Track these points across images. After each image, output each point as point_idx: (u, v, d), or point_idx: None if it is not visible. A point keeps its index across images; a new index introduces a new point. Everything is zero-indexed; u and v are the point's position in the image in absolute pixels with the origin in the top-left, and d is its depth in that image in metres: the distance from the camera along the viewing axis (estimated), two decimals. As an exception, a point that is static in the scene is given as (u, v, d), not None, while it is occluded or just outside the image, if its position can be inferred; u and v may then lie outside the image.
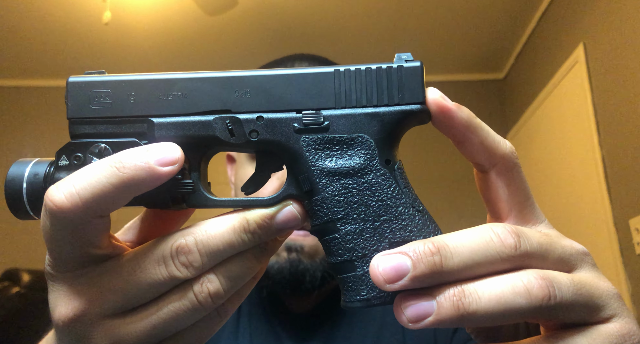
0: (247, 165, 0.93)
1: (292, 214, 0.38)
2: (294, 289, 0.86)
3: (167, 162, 0.35)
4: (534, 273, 0.32)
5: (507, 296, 0.31)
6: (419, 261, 0.31)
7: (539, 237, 0.34)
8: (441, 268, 0.31)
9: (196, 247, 0.35)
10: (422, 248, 0.32)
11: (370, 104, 0.38)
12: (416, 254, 0.32)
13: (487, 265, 0.32)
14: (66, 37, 3.31)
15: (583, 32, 2.64)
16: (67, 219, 0.33)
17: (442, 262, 0.31)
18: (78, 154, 0.38)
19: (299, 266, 0.85)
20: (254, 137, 0.38)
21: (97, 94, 0.39)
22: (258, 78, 0.39)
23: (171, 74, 0.39)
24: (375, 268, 0.32)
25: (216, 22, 3.13)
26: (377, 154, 0.38)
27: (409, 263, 0.31)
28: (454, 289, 0.31)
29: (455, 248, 0.32)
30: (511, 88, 3.77)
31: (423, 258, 0.31)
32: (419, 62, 0.39)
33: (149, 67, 3.67)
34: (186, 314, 0.36)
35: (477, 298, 0.31)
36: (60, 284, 0.37)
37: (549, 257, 0.34)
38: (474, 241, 0.32)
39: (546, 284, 0.31)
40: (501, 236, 0.32)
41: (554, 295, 0.31)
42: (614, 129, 2.37)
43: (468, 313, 0.31)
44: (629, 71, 2.24)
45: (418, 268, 0.31)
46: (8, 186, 0.37)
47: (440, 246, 0.32)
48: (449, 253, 0.31)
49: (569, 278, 0.33)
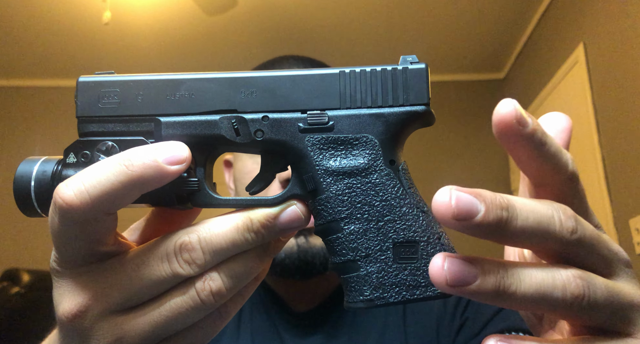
0: (245, 158, 0.93)
1: (296, 214, 0.38)
2: (304, 274, 0.85)
3: (175, 160, 0.35)
4: (574, 271, 0.32)
5: (546, 286, 0.31)
6: (490, 209, 0.30)
7: (592, 231, 0.34)
8: (505, 225, 0.30)
9: (199, 244, 0.36)
10: (495, 198, 0.31)
11: (375, 105, 0.38)
12: (489, 201, 0.30)
13: (542, 239, 0.32)
14: (66, 37, 3.31)
15: (583, 32, 2.64)
16: (76, 216, 0.34)
17: (509, 219, 0.30)
18: (86, 152, 0.38)
19: (308, 251, 0.84)
20: (259, 136, 0.39)
21: (106, 93, 0.39)
22: (264, 79, 0.39)
23: (179, 75, 0.40)
24: (447, 200, 0.29)
25: (216, 22, 3.13)
26: (381, 154, 0.38)
27: (481, 207, 0.30)
28: (499, 266, 0.31)
29: (522, 211, 0.31)
30: (511, 88, 3.77)
31: (494, 207, 0.30)
32: (424, 64, 0.39)
33: (149, 67, 3.67)
34: (188, 312, 0.36)
35: (518, 280, 0.30)
36: (66, 280, 0.37)
37: (595, 252, 0.34)
38: (539, 210, 0.32)
39: (582, 284, 0.31)
40: (562, 216, 0.32)
41: (588, 296, 0.31)
42: (614, 129, 2.37)
43: (507, 293, 0.30)
44: (629, 71, 2.24)
45: (488, 215, 0.30)
46: (17, 184, 0.38)
47: (510, 205, 0.31)
48: (515, 213, 0.31)
49: (605, 283, 0.33)
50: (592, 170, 2.52)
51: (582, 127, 2.62)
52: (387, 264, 0.36)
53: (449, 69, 3.84)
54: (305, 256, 0.84)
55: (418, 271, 0.36)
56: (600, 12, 2.48)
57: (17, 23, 3.17)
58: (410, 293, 0.36)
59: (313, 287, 0.91)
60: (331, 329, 0.88)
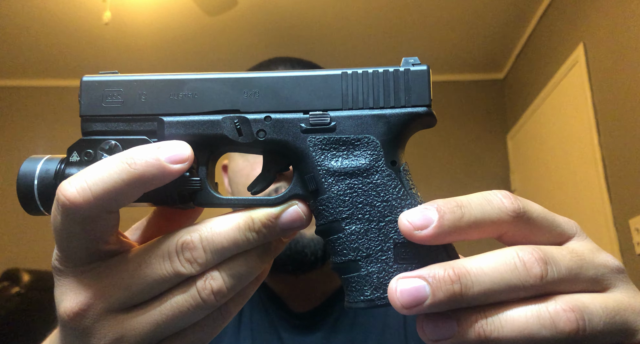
0: (236, 157, 0.93)
1: (297, 214, 0.38)
2: (296, 266, 0.85)
3: (178, 159, 0.35)
4: (563, 303, 0.31)
5: (531, 327, 0.30)
6: (438, 288, 0.30)
7: (568, 261, 0.33)
8: (461, 297, 0.30)
9: (201, 243, 0.36)
10: (442, 274, 0.30)
11: (377, 106, 0.39)
12: (435, 280, 0.30)
13: (510, 293, 0.31)
14: (66, 37, 3.31)
15: (583, 32, 2.64)
16: (79, 213, 0.34)
17: (462, 290, 0.30)
18: (89, 150, 0.38)
19: (299, 242, 0.85)
20: (261, 136, 0.39)
21: (109, 92, 0.40)
22: (267, 79, 0.39)
23: (182, 75, 0.40)
24: (393, 291, 0.31)
25: (216, 22, 3.13)
26: (382, 155, 0.38)
27: (427, 289, 0.30)
28: (477, 314, 0.30)
29: (477, 276, 0.30)
30: (511, 88, 3.77)
31: (442, 285, 0.30)
32: (426, 65, 0.39)
33: (149, 67, 3.67)
34: (189, 310, 0.36)
35: (499, 326, 0.30)
36: (68, 278, 0.37)
37: (579, 280, 0.33)
38: (497, 267, 0.31)
39: (575, 317, 0.30)
40: (527, 263, 0.31)
41: (583, 328, 0.30)
42: (614, 129, 2.37)
43: (489, 340, 0.30)
44: (629, 71, 2.24)
45: (437, 296, 0.30)
46: (20, 182, 0.38)
47: (461, 274, 0.30)
48: (469, 281, 0.30)
49: (602, 305, 0.32)
50: (592, 170, 2.52)
51: (582, 127, 2.62)
52: (387, 264, 0.36)
53: (449, 69, 3.84)
54: (296, 246, 0.85)
55: None
56: (600, 12, 2.48)
57: (17, 23, 3.17)
58: None
59: (309, 285, 0.91)
60: (331, 330, 0.88)
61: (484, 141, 3.81)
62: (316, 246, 0.85)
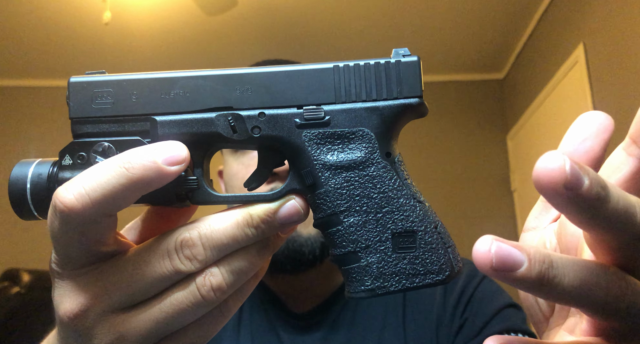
0: (230, 161, 0.93)
1: (295, 208, 0.38)
2: (294, 265, 0.85)
3: (175, 161, 0.35)
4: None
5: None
6: (534, 264, 0.28)
7: None
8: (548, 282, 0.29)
9: (200, 240, 0.36)
10: (538, 254, 0.29)
11: (370, 99, 0.39)
12: (532, 257, 0.29)
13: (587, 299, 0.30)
14: (66, 37, 3.31)
15: (583, 32, 2.64)
16: (77, 219, 0.34)
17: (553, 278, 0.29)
18: (82, 153, 0.38)
19: (296, 240, 0.85)
20: (256, 133, 0.39)
21: (99, 93, 0.39)
22: (259, 75, 0.39)
23: (173, 73, 0.40)
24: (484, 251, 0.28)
25: (216, 22, 3.13)
26: (377, 147, 0.38)
27: (525, 261, 0.28)
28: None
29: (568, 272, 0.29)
30: (511, 88, 3.77)
31: (538, 264, 0.28)
32: (416, 56, 0.39)
33: (149, 67, 3.67)
34: (189, 308, 0.36)
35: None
36: (66, 281, 0.37)
37: None
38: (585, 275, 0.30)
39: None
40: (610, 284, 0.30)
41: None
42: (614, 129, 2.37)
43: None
44: (629, 71, 2.24)
45: (532, 270, 0.28)
46: (12, 188, 0.37)
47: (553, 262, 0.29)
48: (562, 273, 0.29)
49: None
50: (592, 170, 2.52)
51: (582, 127, 2.62)
52: (386, 254, 0.37)
53: (449, 69, 3.84)
54: (293, 245, 0.85)
55: (417, 260, 0.37)
56: (600, 12, 2.48)
57: (16, 23, 3.17)
58: (410, 281, 0.37)
59: (308, 285, 0.91)
60: (330, 330, 0.88)
61: (484, 141, 3.81)
62: (314, 245, 0.86)
